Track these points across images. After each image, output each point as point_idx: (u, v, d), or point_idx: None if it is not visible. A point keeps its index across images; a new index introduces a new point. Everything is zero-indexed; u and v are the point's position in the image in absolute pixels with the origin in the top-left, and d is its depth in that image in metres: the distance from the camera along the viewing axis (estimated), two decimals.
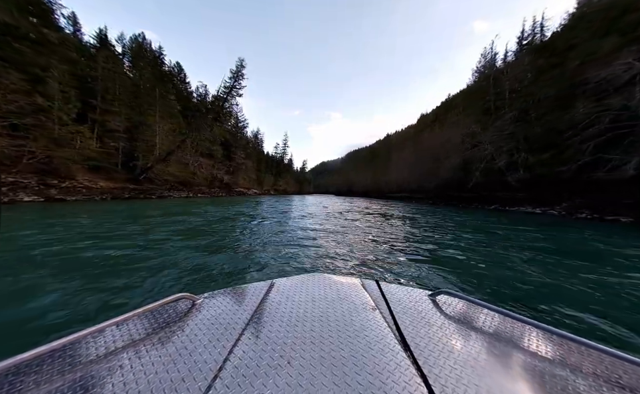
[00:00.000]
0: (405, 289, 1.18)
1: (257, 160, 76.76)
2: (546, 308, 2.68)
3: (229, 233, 6.96)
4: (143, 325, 0.84)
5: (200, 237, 6.07)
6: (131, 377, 0.60)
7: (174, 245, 5.12)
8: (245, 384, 0.58)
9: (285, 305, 0.98)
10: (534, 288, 3.24)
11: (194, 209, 13.55)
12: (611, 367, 0.66)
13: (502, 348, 0.75)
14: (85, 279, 3.09)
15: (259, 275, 3.63)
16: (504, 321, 0.90)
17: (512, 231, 8.30)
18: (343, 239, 6.36)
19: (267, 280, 1.25)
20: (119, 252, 4.39)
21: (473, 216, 14.18)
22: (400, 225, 9.39)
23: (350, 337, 0.76)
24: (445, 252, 5.19)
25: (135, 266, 3.66)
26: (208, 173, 42.77)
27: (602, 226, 10.60)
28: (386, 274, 3.76)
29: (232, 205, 18.19)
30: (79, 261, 3.84)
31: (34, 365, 0.62)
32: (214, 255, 4.51)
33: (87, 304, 2.48)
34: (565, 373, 0.64)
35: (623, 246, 6.16)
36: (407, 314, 0.93)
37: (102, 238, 5.47)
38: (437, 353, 0.70)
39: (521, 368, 0.66)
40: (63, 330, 2.04)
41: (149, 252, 4.48)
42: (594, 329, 2.28)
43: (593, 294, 3.07)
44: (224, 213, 12.23)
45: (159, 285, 3.04)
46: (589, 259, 4.72)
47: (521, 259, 4.61)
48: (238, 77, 48.57)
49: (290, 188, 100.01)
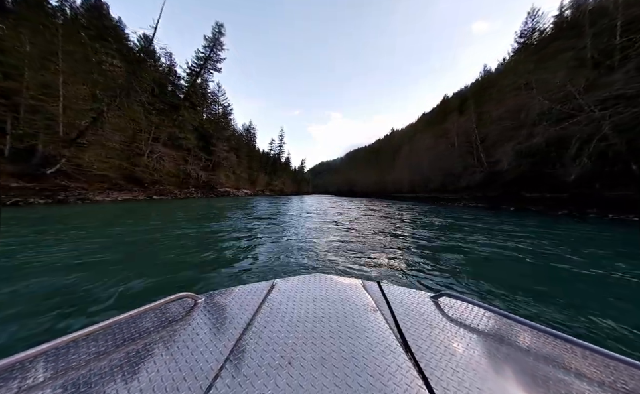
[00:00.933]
0: (407, 291, 1.17)
1: (248, 157, 67.20)
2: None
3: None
4: (145, 324, 0.84)
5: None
6: (133, 376, 0.60)
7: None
8: (246, 384, 0.58)
9: (286, 305, 0.98)
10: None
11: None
12: (616, 372, 0.64)
13: (504, 351, 0.73)
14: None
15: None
16: (506, 324, 0.88)
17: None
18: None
19: (269, 281, 1.24)
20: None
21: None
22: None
23: (352, 338, 0.76)
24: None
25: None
26: (177, 168, 32.84)
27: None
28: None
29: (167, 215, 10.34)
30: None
31: (37, 362, 0.63)
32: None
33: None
34: (569, 378, 0.62)
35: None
36: (408, 316, 0.92)
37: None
38: (439, 355, 0.69)
39: (524, 372, 0.64)
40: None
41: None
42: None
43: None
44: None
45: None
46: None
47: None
48: (215, 46, 38.70)
49: (287, 188, 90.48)
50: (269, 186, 76.27)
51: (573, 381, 0.61)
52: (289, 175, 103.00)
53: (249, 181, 63.17)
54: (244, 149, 65.51)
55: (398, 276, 3.69)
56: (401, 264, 4.13)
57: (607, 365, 0.67)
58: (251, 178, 65.38)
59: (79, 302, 2.50)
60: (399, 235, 6.84)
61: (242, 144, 65.77)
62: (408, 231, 7.72)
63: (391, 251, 5.02)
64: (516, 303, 2.70)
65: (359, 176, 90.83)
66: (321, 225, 8.80)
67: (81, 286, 2.85)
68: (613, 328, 2.18)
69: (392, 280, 3.51)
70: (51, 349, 0.64)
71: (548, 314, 2.43)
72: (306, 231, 7.42)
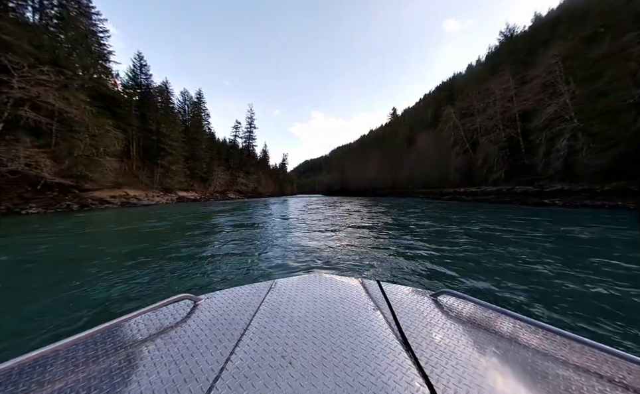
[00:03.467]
0: (406, 289, 1.17)
1: (190, 142, 45.04)
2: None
3: None
4: (145, 325, 0.84)
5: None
6: (133, 378, 0.60)
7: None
8: (246, 384, 0.58)
9: (286, 305, 0.97)
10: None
11: None
12: (614, 367, 0.65)
13: (504, 348, 0.73)
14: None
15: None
16: (506, 321, 0.88)
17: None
18: None
19: (268, 281, 1.22)
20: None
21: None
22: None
23: (352, 338, 0.76)
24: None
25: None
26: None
27: None
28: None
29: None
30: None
31: (37, 365, 0.63)
32: None
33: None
34: (568, 373, 0.63)
35: None
36: (408, 314, 0.91)
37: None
38: (439, 353, 0.70)
39: (524, 368, 0.65)
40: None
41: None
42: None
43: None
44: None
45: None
46: None
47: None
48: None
49: (264, 188, 73.05)
50: (235, 187, 57.34)
51: (572, 377, 0.62)
52: (266, 172, 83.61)
53: (192, 178, 43.56)
54: (178, 127, 42.18)
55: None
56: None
57: (605, 360, 0.68)
58: (194, 173, 44.90)
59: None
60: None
61: (171, 117, 41.20)
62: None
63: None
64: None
65: (353, 173, 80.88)
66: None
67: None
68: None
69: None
70: (51, 352, 0.64)
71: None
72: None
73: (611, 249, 5.10)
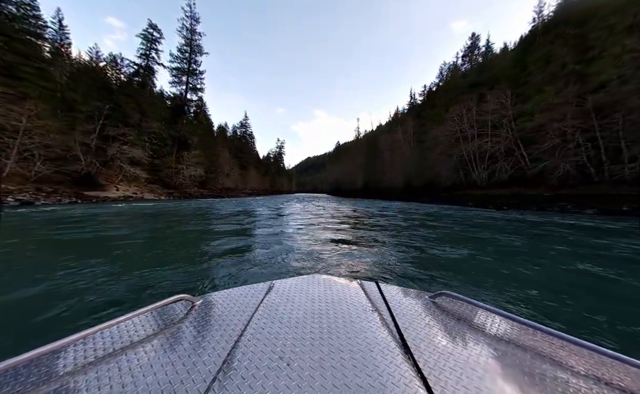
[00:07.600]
0: (405, 290, 1.17)
1: (140, 110, 32.79)
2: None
3: None
4: (142, 326, 0.83)
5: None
6: (129, 379, 0.59)
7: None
8: (244, 386, 0.58)
9: (285, 306, 0.97)
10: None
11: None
12: (612, 370, 0.65)
13: (502, 350, 0.73)
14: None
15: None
16: (504, 323, 0.88)
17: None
18: None
19: (267, 281, 1.22)
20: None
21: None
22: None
23: (350, 339, 0.75)
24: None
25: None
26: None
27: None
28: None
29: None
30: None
31: (32, 366, 0.62)
32: None
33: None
34: (566, 376, 0.63)
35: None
36: (407, 316, 0.91)
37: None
38: (438, 355, 0.69)
39: (522, 370, 0.65)
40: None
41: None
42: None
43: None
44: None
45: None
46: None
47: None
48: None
49: (258, 183, 61.50)
50: (209, 186, 40.96)
51: (570, 379, 0.62)
52: (255, 163, 64.46)
53: (150, 171, 31.50)
54: (125, 89, 28.92)
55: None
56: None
57: (603, 363, 0.68)
58: (155, 164, 32.99)
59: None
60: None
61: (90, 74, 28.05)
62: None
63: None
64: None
65: (371, 169, 55.50)
66: None
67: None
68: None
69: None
70: (47, 352, 0.63)
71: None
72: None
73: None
